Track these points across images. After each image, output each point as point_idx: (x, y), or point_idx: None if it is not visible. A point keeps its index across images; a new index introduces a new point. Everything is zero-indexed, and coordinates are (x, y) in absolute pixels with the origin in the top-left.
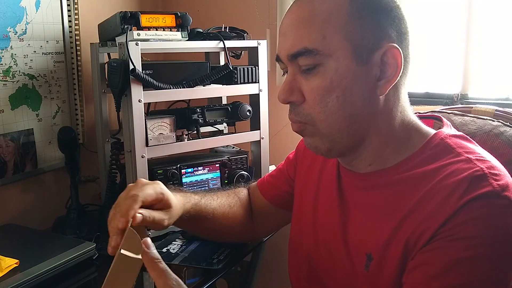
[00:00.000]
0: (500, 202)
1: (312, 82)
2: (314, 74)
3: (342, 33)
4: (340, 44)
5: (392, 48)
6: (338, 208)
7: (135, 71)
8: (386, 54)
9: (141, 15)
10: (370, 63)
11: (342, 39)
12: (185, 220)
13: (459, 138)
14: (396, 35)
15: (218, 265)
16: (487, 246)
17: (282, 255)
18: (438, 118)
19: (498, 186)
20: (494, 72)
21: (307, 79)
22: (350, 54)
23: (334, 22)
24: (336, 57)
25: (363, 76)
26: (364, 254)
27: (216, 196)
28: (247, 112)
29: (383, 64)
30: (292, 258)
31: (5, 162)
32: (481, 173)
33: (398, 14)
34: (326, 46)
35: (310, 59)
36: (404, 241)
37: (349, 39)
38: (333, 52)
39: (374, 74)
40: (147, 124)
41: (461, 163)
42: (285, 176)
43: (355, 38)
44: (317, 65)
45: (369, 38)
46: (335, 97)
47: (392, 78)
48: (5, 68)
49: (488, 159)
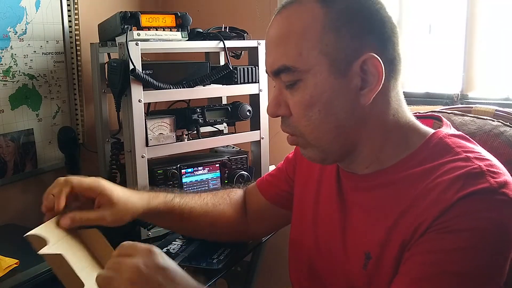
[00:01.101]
0: (498, 197)
1: (295, 97)
2: (296, 90)
3: (318, 48)
4: (317, 60)
5: (371, 58)
6: (338, 209)
7: (135, 71)
8: (365, 63)
9: (141, 15)
10: (349, 75)
11: (318, 54)
12: (154, 216)
13: (459, 137)
14: (378, 40)
15: (218, 265)
16: (482, 238)
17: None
18: (438, 118)
19: (496, 183)
20: (494, 72)
21: (291, 94)
22: (327, 68)
23: (309, 38)
24: (314, 72)
25: (343, 88)
26: (362, 253)
27: (198, 196)
28: (247, 112)
29: (364, 73)
30: (293, 258)
31: (5, 162)
32: (478, 170)
33: (381, 17)
34: (303, 63)
35: (290, 76)
36: (401, 238)
37: (325, 53)
38: (310, 68)
39: (354, 84)
40: (147, 124)
41: (459, 161)
42: (284, 175)
43: (331, 51)
44: (297, 80)
45: (345, 50)
46: (317, 111)
47: (375, 86)
48: (5, 68)
49: (487, 157)
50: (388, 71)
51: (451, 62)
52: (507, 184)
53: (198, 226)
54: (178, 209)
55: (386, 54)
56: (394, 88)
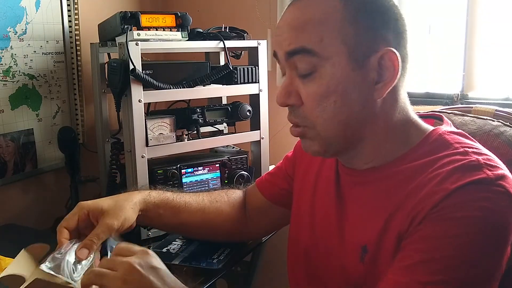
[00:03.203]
0: (494, 188)
1: (309, 87)
2: (311, 79)
3: (339, 38)
4: (337, 49)
5: (389, 52)
6: (336, 205)
7: (135, 71)
8: (383, 58)
9: (141, 15)
10: (366, 67)
11: (339, 43)
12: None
13: (458, 134)
14: (393, 36)
15: (218, 265)
16: (477, 227)
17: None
18: (439, 117)
19: (493, 175)
20: (494, 72)
21: (304, 84)
22: (346, 59)
23: (330, 26)
24: (333, 61)
25: (360, 81)
26: (359, 247)
27: (194, 193)
28: (247, 112)
29: (380, 67)
30: (291, 254)
31: (5, 162)
32: (476, 163)
33: (395, 14)
34: (323, 49)
35: (306, 60)
36: (397, 230)
37: (345, 44)
38: (329, 56)
39: (371, 78)
40: (147, 124)
41: (457, 155)
42: (283, 174)
43: (351, 42)
44: (313, 68)
45: (365, 43)
46: (332, 101)
47: (390, 82)
48: (5, 68)
49: (485, 152)
50: (401, 68)
51: (451, 62)
52: (505, 177)
53: (196, 222)
54: (173, 201)
55: (400, 51)
56: (402, 86)
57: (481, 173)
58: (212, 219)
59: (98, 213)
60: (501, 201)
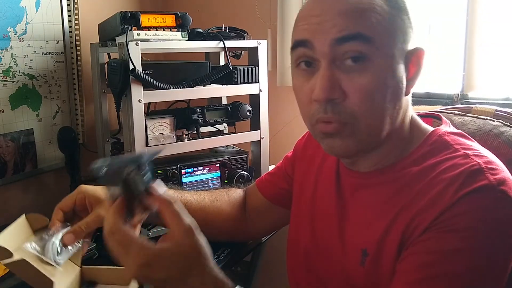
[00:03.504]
0: (496, 195)
1: (359, 78)
2: (362, 70)
3: (390, 30)
4: (389, 39)
5: (420, 50)
6: (336, 206)
7: (135, 71)
8: (414, 55)
9: (141, 15)
10: (408, 64)
11: (390, 35)
12: None
13: (457, 135)
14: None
15: (218, 265)
16: (480, 239)
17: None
18: (437, 116)
19: (495, 180)
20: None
21: (350, 75)
22: (396, 52)
23: (382, 17)
24: (385, 52)
25: (400, 76)
26: (359, 250)
27: (195, 192)
28: (247, 112)
29: (412, 64)
30: (290, 254)
31: (5, 162)
32: (477, 167)
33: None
34: (379, 37)
35: (359, 49)
36: (399, 236)
37: (395, 36)
38: (382, 45)
39: (408, 74)
40: (147, 124)
41: (458, 158)
42: (283, 174)
43: (400, 36)
44: (365, 58)
45: (405, 40)
46: (382, 95)
47: (415, 78)
48: (5, 68)
49: (485, 154)
50: None
51: (451, 62)
52: (506, 181)
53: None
54: None
55: None
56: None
57: (483, 178)
58: (212, 218)
59: (95, 201)
60: (504, 208)
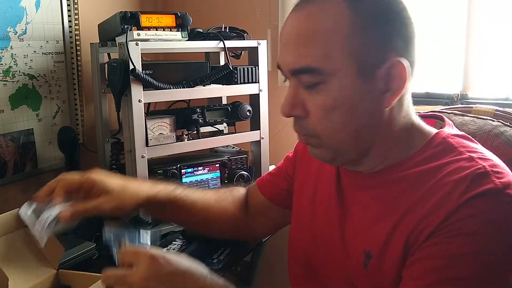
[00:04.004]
0: (502, 199)
1: (316, 99)
2: (317, 91)
3: (346, 50)
4: (344, 62)
5: (398, 63)
6: (337, 206)
7: (135, 71)
8: (392, 67)
9: (141, 15)
10: (375, 78)
11: (346, 56)
12: (155, 206)
13: (461, 137)
14: (403, 43)
15: (218, 265)
16: (487, 242)
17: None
18: (440, 117)
19: (501, 184)
20: (494, 72)
21: (311, 95)
22: (355, 71)
23: (337, 39)
24: (340, 75)
25: (368, 92)
26: (362, 252)
27: (201, 191)
28: (247, 112)
29: (389, 77)
30: (291, 254)
31: (5, 162)
32: (483, 170)
33: (405, 18)
34: (330, 65)
35: (312, 77)
36: (404, 239)
37: (353, 56)
38: (337, 70)
39: (379, 88)
40: (147, 124)
41: (463, 161)
42: (283, 174)
43: (359, 54)
44: (320, 82)
45: (374, 53)
46: (339, 114)
47: (398, 91)
48: (5, 68)
49: (490, 157)
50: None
51: (451, 62)
52: (511, 185)
53: (200, 220)
54: (180, 200)
55: (409, 58)
56: (408, 91)
57: (489, 182)
58: (216, 218)
59: (101, 191)
60: (510, 212)
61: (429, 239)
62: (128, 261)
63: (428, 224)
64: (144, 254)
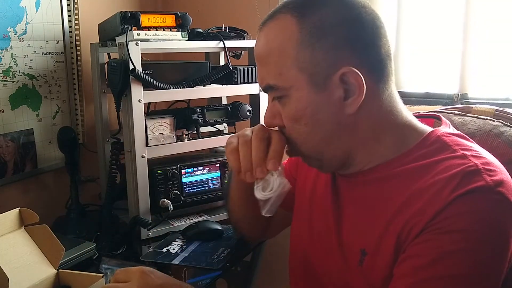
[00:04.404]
0: (493, 197)
1: (284, 111)
2: (283, 104)
3: (295, 65)
4: (296, 77)
5: (349, 71)
6: (332, 204)
7: (135, 71)
8: (345, 75)
9: (141, 15)
10: (329, 88)
11: (296, 71)
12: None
13: (457, 136)
14: (357, 50)
15: (218, 265)
16: (477, 240)
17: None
18: (437, 117)
19: (492, 181)
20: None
21: (281, 107)
22: (306, 84)
23: (286, 55)
24: (295, 88)
25: (325, 102)
26: (358, 250)
27: None
28: (247, 112)
29: (346, 83)
30: (292, 255)
31: (5, 162)
32: (474, 168)
33: (361, 23)
34: (284, 81)
35: (275, 92)
36: (396, 235)
37: (302, 70)
38: (291, 85)
39: (337, 96)
40: (147, 124)
41: (455, 159)
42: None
43: (308, 67)
44: (283, 95)
45: (322, 65)
46: (303, 124)
47: (358, 97)
48: (5, 68)
49: (484, 155)
50: (374, 77)
51: (451, 62)
52: (503, 183)
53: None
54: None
55: (368, 62)
56: (384, 91)
57: (480, 179)
58: None
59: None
60: (500, 210)
61: (419, 236)
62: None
63: (419, 221)
64: (135, 270)
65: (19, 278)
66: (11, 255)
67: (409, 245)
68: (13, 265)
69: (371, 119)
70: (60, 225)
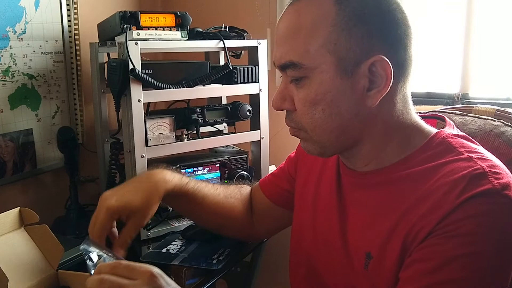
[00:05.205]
0: (500, 200)
1: (300, 93)
2: (301, 86)
3: (326, 47)
4: (324, 58)
5: (381, 60)
6: (337, 207)
7: (134, 70)
8: (374, 65)
9: (140, 14)
10: (356, 75)
11: (325, 52)
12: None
13: (462, 138)
14: (390, 43)
15: (218, 265)
16: (484, 244)
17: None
18: (441, 118)
19: (499, 185)
20: (494, 72)
21: (297, 89)
22: (334, 68)
23: (318, 34)
24: (320, 70)
25: (349, 89)
26: (363, 253)
27: (212, 185)
28: (247, 112)
29: (373, 74)
30: (292, 257)
31: (4, 162)
32: (481, 171)
33: (395, 18)
34: (310, 60)
35: (296, 72)
36: (402, 239)
37: (333, 52)
38: (317, 66)
39: (361, 85)
40: (146, 124)
41: (461, 161)
42: (286, 175)
43: (339, 50)
44: (303, 77)
45: (355, 50)
46: (321, 109)
47: (383, 89)
48: (4, 68)
49: (490, 158)
50: (397, 74)
51: (452, 62)
52: (510, 186)
53: (208, 215)
54: (191, 194)
55: (397, 57)
56: (401, 91)
57: (486, 182)
58: (224, 215)
59: (128, 213)
60: (507, 213)
61: (425, 240)
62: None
63: (425, 225)
64: (145, 271)
65: (19, 278)
66: (10, 255)
67: (415, 249)
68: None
69: (384, 117)
70: (60, 225)
